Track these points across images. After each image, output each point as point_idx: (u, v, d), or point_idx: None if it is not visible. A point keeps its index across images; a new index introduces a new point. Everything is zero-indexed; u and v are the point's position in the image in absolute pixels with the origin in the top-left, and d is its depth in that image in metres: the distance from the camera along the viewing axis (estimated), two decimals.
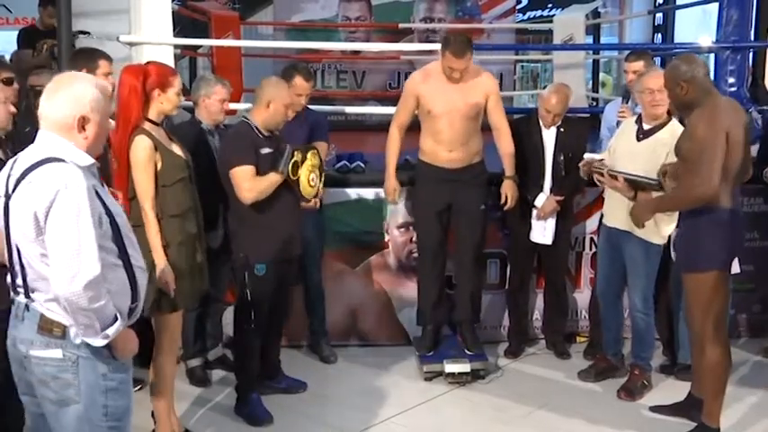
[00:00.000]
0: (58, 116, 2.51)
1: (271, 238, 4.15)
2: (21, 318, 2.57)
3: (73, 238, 2.39)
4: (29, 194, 2.44)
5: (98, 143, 2.59)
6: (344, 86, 10.56)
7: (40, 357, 2.53)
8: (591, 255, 5.41)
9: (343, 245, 5.35)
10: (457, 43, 4.61)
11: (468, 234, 4.89)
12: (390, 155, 4.89)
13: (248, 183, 4.05)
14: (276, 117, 4.20)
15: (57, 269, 2.40)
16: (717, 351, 3.95)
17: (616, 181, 4.35)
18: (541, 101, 4.97)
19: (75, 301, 2.39)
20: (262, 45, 8.53)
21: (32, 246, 2.46)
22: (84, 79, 2.62)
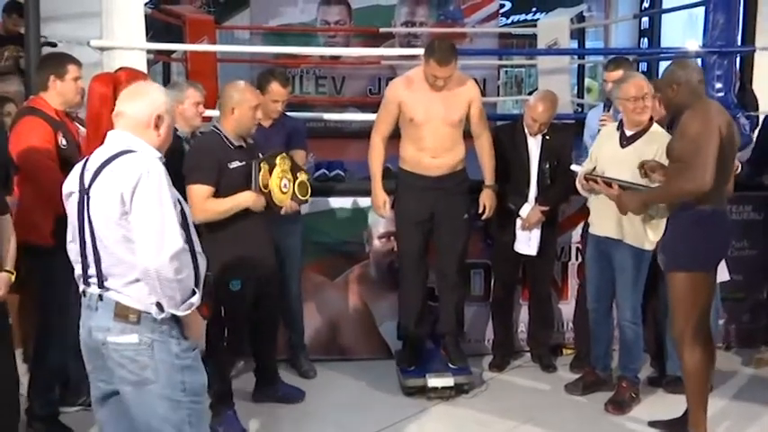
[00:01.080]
0: (138, 114, 2.86)
1: (244, 253, 4.13)
2: (94, 308, 2.82)
3: (157, 214, 2.69)
4: (113, 179, 2.73)
5: (167, 143, 2.94)
6: (323, 92, 10.57)
7: (117, 343, 2.79)
8: (577, 265, 5.42)
9: (323, 256, 5.33)
10: (441, 51, 4.59)
11: (451, 244, 4.89)
12: (375, 166, 4.87)
13: (202, 203, 4.01)
14: (244, 122, 4.17)
15: (144, 243, 2.69)
16: (696, 355, 3.99)
17: (611, 188, 4.36)
18: (528, 109, 4.98)
19: (164, 273, 2.68)
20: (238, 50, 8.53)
21: (115, 229, 2.73)
22: (159, 88, 3.03)
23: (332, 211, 5.31)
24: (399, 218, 4.96)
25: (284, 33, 10.39)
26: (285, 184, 4.25)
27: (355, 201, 5.31)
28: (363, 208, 5.26)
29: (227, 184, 4.08)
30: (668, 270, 4.07)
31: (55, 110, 4.16)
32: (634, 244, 4.46)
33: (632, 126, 4.48)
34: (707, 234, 3.93)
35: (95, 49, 5.09)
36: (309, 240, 5.17)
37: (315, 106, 9.82)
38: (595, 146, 4.68)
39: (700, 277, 3.95)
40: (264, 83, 4.80)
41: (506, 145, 5.02)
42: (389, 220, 5.19)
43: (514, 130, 5.08)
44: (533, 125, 4.94)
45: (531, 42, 10.20)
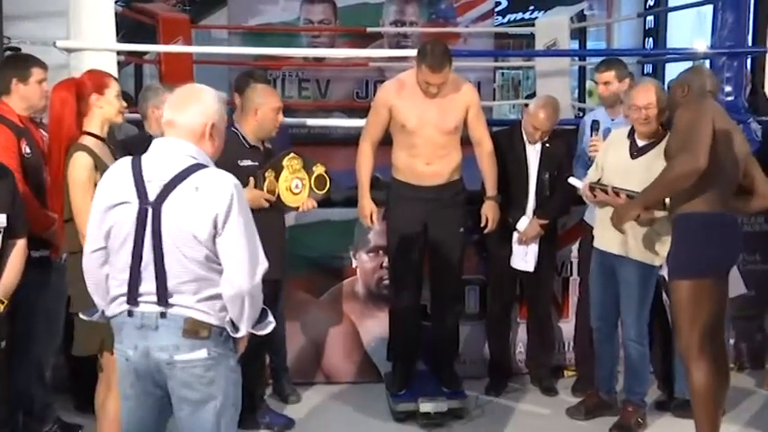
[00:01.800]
0: (191, 123, 2.88)
1: None
2: (154, 327, 2.83)
3: (250, 236, 2.82)
4: (202, 199, 2.77)
5: (220, 151, 3.00)
6: (307, 96, 10.56)
7: (187, 360, 2.83)
8: (578, 280, 5.43)
9: (307, 271, 5.33)
10: (434, 56, 4.58)
11: (445, 259, 4.89)
12: (363, 174, 4.88)
13: None
14: (265, 124, 4.37)
15: (239, 267, 2.79)
16: (702, 371, 4.00)
17: (619, 198, 4.37)
18: (528, 116, 4.99)
19: (256, 294, 2.83)
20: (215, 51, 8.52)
21: (198, 248, 2.78)
22: (210, 90, 2.99)
23: (317, 224, 5.30)
24: (391, 230, 4.96)
25: (265, 33, 10.38)
26: (297, 185, 4.42)
27: (342, 212, 5.31)
28: (350, 220, 5.26)
29: None
30: (670, 279, 4.11)
31: (18, 116, 4.15)
32: (640, 259, 4.47)
33: (643, 136, 4.48)
34: (711, 240, 3.96)
35: (62, 51, 5.07)
36: (292, 254, 5.16)
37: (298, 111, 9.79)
38: (602, 154, 4.67)
39: (703, 286, 3.97)
40: (243, 84, 4.86)
41: (503, 153, 5.03)
42: (379, 232, 5.19)
43: (512, 137, 5.09)
44: (534, 133, 4.95)
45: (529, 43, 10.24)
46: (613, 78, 4.99)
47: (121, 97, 3.85)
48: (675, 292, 4.05)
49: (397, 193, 4.90)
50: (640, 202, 4.16)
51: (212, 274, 2.81)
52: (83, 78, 3.77)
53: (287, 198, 4.38)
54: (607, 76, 5.02)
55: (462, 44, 10.42)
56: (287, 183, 4.36)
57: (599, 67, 5.18)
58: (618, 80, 4.99)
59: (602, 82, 5.06)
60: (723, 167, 3.95)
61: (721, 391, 4.13)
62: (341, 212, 5.32)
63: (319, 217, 5.27)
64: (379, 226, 5.02)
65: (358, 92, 10.57)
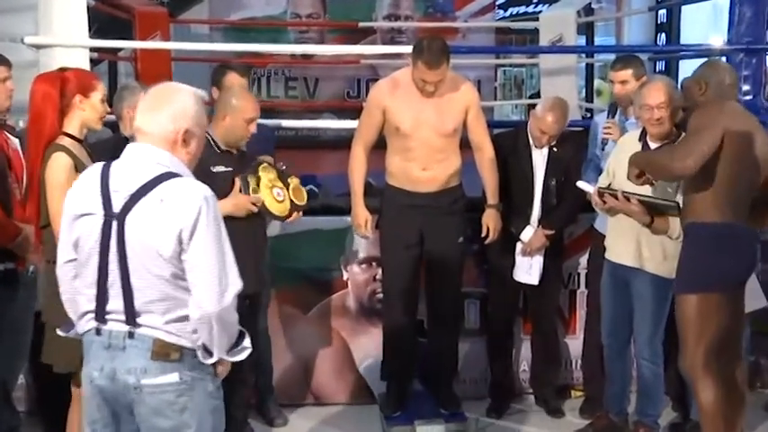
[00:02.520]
0: (163, 131, 2.79)
1: None
2: (121, 347, 2.77)
3: (219, 253, 2.73)
4: (167, 212, 2.69)
5: (197, 158, 2.92)
6: (294, 96, 10.57)
7: (156, 385, 2.77)
8: (587, 293, 5.44)
9: (294, 284, 5.33)
10: (431, 52, 4.59)
11: (443, 271, 4.90)
12: (356, 179, 4.88)
13: None
14: (234, 133, 4.32)
15: (206, 287, 2.71)
16: (710, 389, 4.01)
17: (630, 204, 4.38)
18: (535, 120, 4.99)
19: (226, 317, 2.75)
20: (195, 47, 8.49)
21: (163, 266, 2.70)
22: (185, 91, 2.90)
23: (304, 233, 5.29)
24: (384, 240, 4.96)
25: (249, 28, 10.39)
26: (279, 193, 4.39)
27: (332, 220, 5.31)
28: (341, 229, 5.26)
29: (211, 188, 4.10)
30: (675, 292, 4.14)
31: None
32: (655, 272, 4.47)
33: (655, 138, 4.49)
34: (720, 251, 3.97)
35: (30, 47, 5.08)
36: (278, 267, 5.16)
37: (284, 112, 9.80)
38: (613, 158, 4.68)
39: (711, 300, 3.99)
40: (220, 76, 4.94)
41: (507, 157, 5.03)
42: (372, 242, 5.19)
43: (517, 140, 5.09)
44: (541, 137, 4.96)
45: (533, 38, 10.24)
46: (631, 77, 4.99)
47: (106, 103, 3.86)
48: (681, 307, 4.08)
49: (392, 201, 4.90)
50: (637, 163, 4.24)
51: (181, 293, 2.75)
52: (69, 75, 3.76)
53: (272, 206, 4.36)
54: (624, 74, 5.02)
55: (461, 40, 10.44)
56: (268, 191, 4.35)
57: (615, 65, 5.17)
58: (636, 79, 4.98)
59: (618, 81, 5.05)
60: (740, 173, 3.96)
61: (735, 411, 4.13)
62: (331, 221, 5.32)
63: (307, 226, 5.26)
64: (373, 235, 5.01)
65: (349, 91, 10.58)
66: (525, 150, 5.05)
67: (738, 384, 4.15)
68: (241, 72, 4.99)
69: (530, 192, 5.05)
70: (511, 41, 11.70)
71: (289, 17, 10.61)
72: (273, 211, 4.37)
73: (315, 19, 10.65)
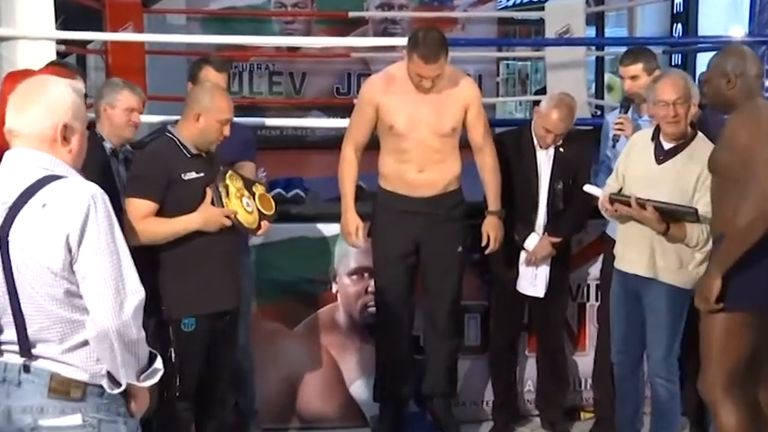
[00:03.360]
0: (38, 129, 2.68)
1: (200, 285, 4.15)
2: (16, 382, 2.65)
3: (115, 260, 2.60)
4: (50, 218, 2.57)
5: (80, 158, 2.79)
6: (279, 92, 10.59)
7: (56, 427, 2.63)
8: (596, 306, 5.44)
9: (278, 298, 5.31)
10: (427, 45, 4.59)
11: (441, 283, 4.90)
12: (346, 183, 4.88)
13: (140, 222, 4.05)
14: (207, 134, 4.22)
15: (101, 299, 2.58)
16: (732, 414, 4.00)
17: (645, 211, 4.37)
18: (539, 117, 4.98)
19: (127, 333, 2.60)
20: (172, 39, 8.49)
21: (54, 283, 2.59)
22: (59, 83, 2.80)
23: (289, 242, 5.28)
24: (377, 250, 4.97)
25: (229, 19, 10.42)
26: (248, 203, 4.31)
27: (319, 228, 5.30)
28: (330, 237, 5.26)
29: (180, 198, 4.11)
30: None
31: None
32: (670, 282, 4.46)
33: (670, 137, 4.49)
34: (755, 266, 3.93)
35: None
36: (261, 278, 5.15)
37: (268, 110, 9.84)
38: (623, 159, 4.67)
39: (740, 318, 3.96)
40: (196, 70, 4.90)
41: (509, 158, 5.03)
42: (364, 251, 5.18)
43: (520, 140, 5.09)
44: (546, 136, 4.95)
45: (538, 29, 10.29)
46: (641, 72, 4.98)
47: None
48: (706, 322, 4.05)
49: (385, 206, 4.90)
50: (717, 267, 4.02)
51: (78, 314, 2.62)
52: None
53: (244, 218, 4.26)
54: (634, 69, 5.02)
55: (460, 31, 10.49)
56: (238, 201, 4.26)
57: (624, 59, 5.17)
58: (647, 73, 4.98)
59: (628, 76, 5.05)
60: None
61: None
62: (318, 228, 5.31)
63: (293, 234, 5.26)
64: (364, 244, 5.01)
65: (339, 87, 10.61)
66: (529, 151, 5.04)
67: (763, 409, 4.15)
68: (219, 66, 4.95)
69: (534, 196, 5.04)
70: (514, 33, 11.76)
71: (273, 7, 10.65)
72: (245, 224, 4.28)
73: (301, 8, 10.68)
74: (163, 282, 4.17)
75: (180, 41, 8.75)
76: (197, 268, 4.15)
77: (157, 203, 4.08)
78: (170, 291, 4.14)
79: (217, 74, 4.90)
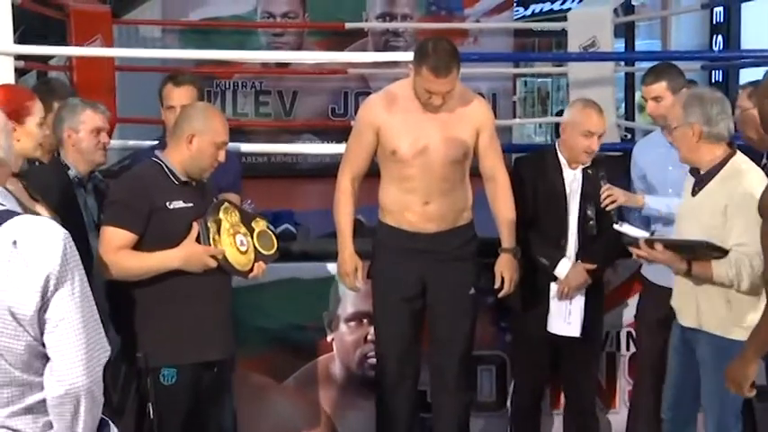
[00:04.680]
0: None
1: (184, 330, 4.15)
2: None
3: (87, 309, 2.59)
4: (26, 258, 2.53)
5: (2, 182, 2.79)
6: (267, 114, 10.62)
7: None
8: (628, 357, 5.43)
9: (265, 347, 5.32)
10: (438, 55, 4.58)
11: (450, 330, 4.88)
12: (342, 217, 4.88)
13: (113, 253, 4.07)
14: (200, 159, 4.23)
15: (74, 352, 2.55)
16: None
17: (654, 251, 4.34)
18: (574, 126, 4.93)
19: (97, 393, 2.61)
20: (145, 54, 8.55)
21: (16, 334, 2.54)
22: None
23: (278, 284, 5.27)
24: (378, 293, 4.96)
25: (211, 30, 10.45)
26: (242, 242, 4.29)
27: (312, 268, 5.31)
28: (324, 278, 5.26)
29: (164, 230, 4.12)
30: None
31: None
32: (715, 331, 4.42)
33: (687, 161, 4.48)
34: None
35: None
36: (246, 325, 5.14)
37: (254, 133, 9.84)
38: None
39: None
40: (160, 89, 4.98)
41: (534, 179, 5.04)
42: (363, 295, 5.17)
43: (545, 161, 5.09)
44: (584, 143, 4.89)
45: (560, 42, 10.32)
46: (665, 91, 4.99)
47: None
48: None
49: (387, 243, 4.90)
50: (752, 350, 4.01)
51: (33, 375, 2.58)
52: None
53: (235, 258, 4.25)
54: (657, 88, 5.02)
55: (472, 44, 10.53)
56: (230, 238, 4.24)
57: (646, 78, 5.17)
58: (672, 93, 4.98)
59: (650, 97, 5.05)
60: None
61: None
62: (312, 268, 5.31)
63: (282, 275, 5.25)
64: (364, 286, 4.99)
65: (334, 108, 10.65)
66: (555, 171, 5.03)
67: None
68: (179, 81, 4.96)
69: (563, 219, 5.01)
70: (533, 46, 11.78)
71: (259, 17, 10.69)
72: (236, 266, 4.26)
73: (292, 19, 10.73)
74: (140, 324, 4.17)
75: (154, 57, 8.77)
76: (181, 310, 4.15)
77: (136, 234, 4.09)
78: (148, 335, 4.14)
79: (179, 90, 4.93)
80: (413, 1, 10.81)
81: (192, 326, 4.16)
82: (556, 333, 5.03)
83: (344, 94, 10.54)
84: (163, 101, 4.96)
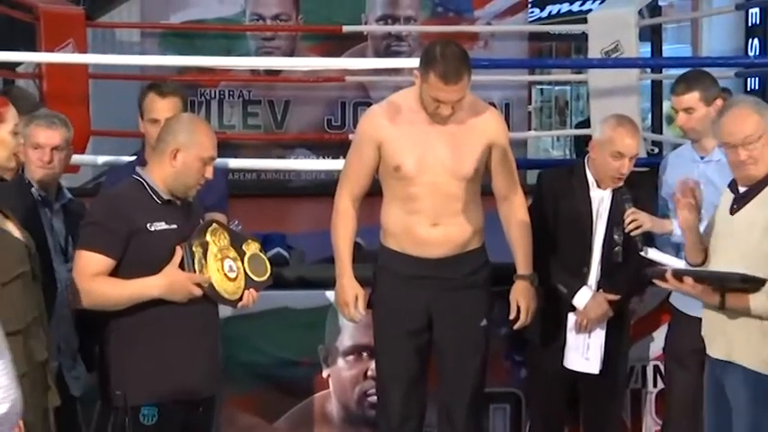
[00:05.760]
0: None
1: (166, 365, 4.16)
2: None
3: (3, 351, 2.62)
4: None
5: None
6: (256, 125, 10.60)
7: None
8: (656, 394, 5.42)
9: (254, 385, 5.34)
10: (447, 60, 4.59)
11: (460, 366, 4.88)
12: (341, 241, 4.89)
13: (88, 281, 4.09)
14: (185, 176, 4.24)
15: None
16: None
17: (682, 283, 4.33)
18: (603, 146, 4.93)
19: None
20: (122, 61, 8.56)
21: None
22: None
23: (269, 314, 5.29)
24: (380, 324, 4.97)
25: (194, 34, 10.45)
26: (231, 267, 4.29)
27: (307, 296, 5.32)
28: (319, 307, 5.28)
29: (144, 254, 4.14)
30: None
31: None
32: (747, 364, 4.41)
33: (745, 180, 4.46)
34: None
35: None
36: (233, 360, 5.14)
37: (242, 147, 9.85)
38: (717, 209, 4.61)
39: None
40: (141, 99, 4.96)
41: (556, 198, 5.05)
42: (363, 326, 5.18)
43: (571, 178, 5.11)
44: (615, 165, 4.90)
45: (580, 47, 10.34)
46: (698, 102, 4.99)
47: None
48: None
49: (390, 269, 4.91)
50: None
51: None
52: None
53: (222, 285, 4.25)
54: (689, 99, 5.02)
55: (483, 49, 10.51)
56: (218, 263, 4.24)
57: (676, 87, 5.16)
58: (705, 103, 4.98)
59: (681, 108, 5.04)
60: None
61: None
62: (306, 297, 5.33)
63: (274, 304, 5.26)
64: (364, 317, 4.99)
65: (330, 119, 10.63)
66: (583, 190, 5.04)
67: None
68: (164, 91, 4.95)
69: (587, 244, 5.03)
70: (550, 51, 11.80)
71: (248, 20, 10.69)
72: (223, 294, 4.26)
73: (284, 22, 10.71)
74: (118, 357, 4.19)
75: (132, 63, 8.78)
76: (162, 343, 4.16)
77: (113, 259, 4.11)
78: (127, 370, 4.16)
79: (162, 101, 4.91)
80: (417, 2, 10.79)
81: (176, 360, 4.17)
82: (573, 369, 5.03)
83: (342, 104, 10.51)
84: (144, 113, 4.93)
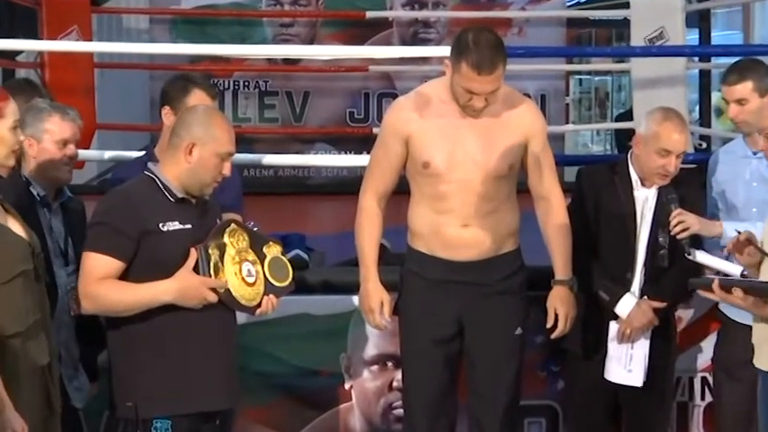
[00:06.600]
0: None
1: (181, 376, 4.17)
2: None
3: None
4: None
5: None
6: (273, 118, 10.63)
7: None
8: (704, 408, 5.42)
9: (273, 396, 5.35)
10: (481, 48, 4.57)
11: (493, 377, 4.88)
12: (366, 242, 4.88)
13: (95, 285, 4.10)
14: (201, 173, 4.24)
15: None
16: None
17: (730, 295, 4.32)
18: (648, 143, 4.90)
19: None
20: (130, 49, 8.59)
21: None
22: None
23: (288, 320, 5.30)
24: (406, 332, 4.96)
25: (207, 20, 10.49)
26: (249, 271, 4.28)
27: (329, 302, 5.34)
28: (342, 314, 5.29)
29: (156, 256, 4.14)
30: None
31: None
32: None
33: None
34: None
35: None
36: (249, 370, 5.15)
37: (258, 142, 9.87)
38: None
39: None
40: (181, 93, 4.89)
41: (598, 197, 5.05)
42: (388, 334, 5.18)
43: (613, 176, 5.09)
44: (662, 162, 4.87)
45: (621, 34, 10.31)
46: (751, 93, 4.98)
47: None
48: None
49: (417, 273, 4.90)
50: None
51: None
52: None
53: (240, 291, 4.25)
54: (741, 89, 5.02)
55: (517, 37, 10.52)
56: (235, 266, 4.24)
57: (728, 77, 5.16)
58: (759, 94, 4.98)
59: (733, 99, 5.04)
60: None
61: None
62: (327, 302, 5.34)
63: (292, 309, 5.26)
64: (390, 324, 4.99)
65: (353, 112, 10.65)
66: (626, 190, 5.03)
67: None
68: (210, 90, 4.97)
69: (631, 247, 5.02)
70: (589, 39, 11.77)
71: (264, 5, 10.71)
72: (240, 300, 4.26)
73: (303, 7, 10.74)
74: (129, 367, 4.19)
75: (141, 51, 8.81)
76: (176, 352, 4.17)
77: (122, 261, 4.11)
78: (139, 380, 4.17)
79: (211, 101, 4.93)
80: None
81: (190, 370, 4.18)
82: (614, 382, 5.03)
83: (365, 95, 10.52)
84: (182, 107, 4.80)
